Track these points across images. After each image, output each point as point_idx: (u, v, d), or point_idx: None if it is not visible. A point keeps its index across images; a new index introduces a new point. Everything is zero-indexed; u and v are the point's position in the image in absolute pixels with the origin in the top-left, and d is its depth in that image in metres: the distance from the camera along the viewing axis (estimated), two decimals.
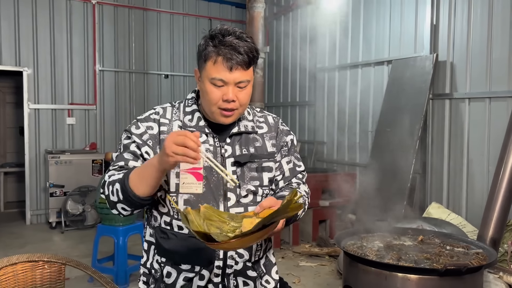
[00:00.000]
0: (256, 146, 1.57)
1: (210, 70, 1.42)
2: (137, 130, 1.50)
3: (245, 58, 1.41)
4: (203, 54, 1.44)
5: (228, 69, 1.40)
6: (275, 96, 7.59)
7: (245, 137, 1.56)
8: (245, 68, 1.43)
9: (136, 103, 7.25)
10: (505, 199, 2.85)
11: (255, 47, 1.45)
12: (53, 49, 6.56)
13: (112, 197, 1.38)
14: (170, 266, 1.51)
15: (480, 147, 4.23)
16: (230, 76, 1.41)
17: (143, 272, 1.62)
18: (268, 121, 1.65)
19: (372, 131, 5.38)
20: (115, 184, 1.37)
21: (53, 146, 6.59)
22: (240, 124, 1.56)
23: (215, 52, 1.41)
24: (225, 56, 1.40)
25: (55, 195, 6.10)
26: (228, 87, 1.42)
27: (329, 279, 4.22)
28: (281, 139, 1.64)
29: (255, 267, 1.57)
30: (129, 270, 4.00)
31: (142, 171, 1.34)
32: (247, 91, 1.47)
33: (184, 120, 1.53)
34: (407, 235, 2.62)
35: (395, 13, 5.14)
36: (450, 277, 2.01)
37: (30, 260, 1.67)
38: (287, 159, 1.64)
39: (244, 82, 1.44)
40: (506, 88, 3.98)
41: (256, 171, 1.54)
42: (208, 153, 1.44)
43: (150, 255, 1.59)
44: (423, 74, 4.61)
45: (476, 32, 4.24)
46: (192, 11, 7.71)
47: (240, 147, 1.54)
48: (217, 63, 1.41)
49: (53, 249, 5.33)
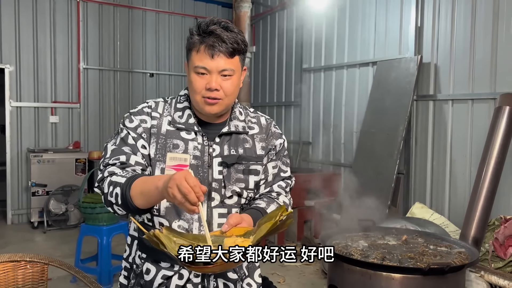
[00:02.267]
0: (245, 148, 1.54)
1: (193, 59, 1.42)
2: (131, 123, 1.49)
3: (229, 46, 1.39)
4: (188, 43, 1.45)
5: (210, 57, 1.39)
6: (261, 96, 7.60)
7: (235, 137, 1.53)
8: (228, 56, 1.40)
9: (121, 101, 7.19)
10: (486, 199, 2.90)
11: (241, 38, 1.43)
12: (36, 46, 6.46)
13: (110, 198, 1.37)
14: (150, 262, 1.49)
15: (462, 148, 4.29)
16: (212, 63, 1.39)
17: (125, 266, 1.60)
18: (260, 122, 1.62)
19: (357, 131, 5.42)
20: (116, 187, 1.35)
21: (36, 144, 6.49)
22: (231, 124, 1.54)
23: (198, 40, 1.41)
24: (207, 44, 1.39)
25: (37, 194, 6.01)
26: (212, 75, 1.41)
27: (313, 279, 4.24)
28: (270, 143, 1.60)
29: (237, 269, 1.54)
30: (112, 270, 3.96)
31: (145, 187, 1.31)
32: (232, 81, 1.44)
33: (174, 116, 1.51)
34: (391, 234, 2.65)
35: (380, 15, 5.19)
36: (433, 276, 2.04)
37: (12, 260, 1.64)
38: (274, 164, 1.61)
39: (228, 70, 1.41)
40: (488, 90, 4.04)
41: (243, 173, 1.52)
42: (204, 212, 1.36)
43: (133, 250, 1.57)
44: (407, 75, 4.66)
45: (460, 35, 4.30)
46: (178, 10, 7.67)
47: (229, 148, 1.51)
48: (200, 51, 1.40)
49: (35, 249, 5.25)
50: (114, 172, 1.39)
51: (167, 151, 1.45)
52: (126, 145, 1.46)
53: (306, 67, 6.41)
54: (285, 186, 1.63)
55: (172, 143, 1.46)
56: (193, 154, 1.47)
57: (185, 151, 1.46)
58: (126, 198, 1.32)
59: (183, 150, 1.46)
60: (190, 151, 1.47)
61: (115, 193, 1.35)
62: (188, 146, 1.47)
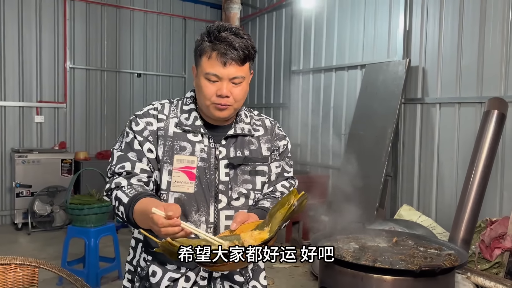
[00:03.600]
0: (251, 149, 1.55)
1: (204, 65, 1.42)
2: (137, 126, 1.49)
3: (240, 54, 1.40)
4: (199, 49, 1.45)
5: (222, 64, 1.40)
6: (249, 97, 7.58)
7: (240, 139, 1.55)
8: (240, 64, 1.42)
9: (108, 101, 7.12)
10: (475, 202, 2.93)
11: (251, 44, 1.45)
12: (21, 45, 6.36)
13: (117, 212, 1.40)
14: (156, 265, 1.49)
15: (449, 151, 4.35)
16: (224, 71, 1.40)
17: (129, 269, 1.59)
18: (265, 124, 1.64)
19: (345, 134, 5.45)
20: (120, 204, 1.37)
21: (20, 144, 6.38)
22: (237, 126, 1.55)
23: (210, 47, 1.41)
24: (219, 51, 1.39)
25: (22, 195, 5.91)
26: (223, 82, 1.41)
27: (302, 281, 4.25)
28: (274, 143, 1.62)
29: (243, 272, 1.55)
30: (100, 272, 3.92)
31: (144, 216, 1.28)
32: (242, 88, 1.46)
33: (181, 118, 1.51)
34: (381, 236, 2.66)
35: (369, 19, 5.23)
36: (424, 277, 2.05)
37: (2, 263, 1.61)
38: (277, 164, 1.62)
39: (239, 78, 1.43)
40: (475, 94, 4.10)
41: (250, 174, 1.53)
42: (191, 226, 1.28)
43: (137, 253, 1.56)
44: (395, 78, 4.71)
45: (447, 39, 4.36)
46: (166, 10, 7.63)
47: (235, 150, 1.53)
48: (212, 58, 1.40)
49: (19, 251, 5.16)
50: (120, 185, 1.41)
51: (174, 153, 1.46)
52: (132, 151, 1.46)
53: (294, 69, 6.44)
54: (288, 186, 1.64)
55: (179, 145, 1.47)
56: (200, 156, 1.48)
57: (192, 153, 1.48)
58: (130, 219, 1.35)
59: (190, 152, 1.48)
60: (197, 153, 1.48)
61: (121, 211, 1.38)
62: (195, 148, 1.48)
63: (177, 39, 7.75)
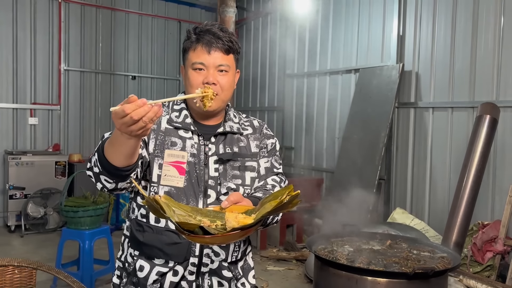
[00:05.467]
0: (240, 146, 1.58)
1: (191, 57, 1.48)
2: None
3: (225, 43, 1.46)
4: (184, 45, 1.51)
5: (207, 52, 1.45)
6: (244, 100, 7.62)
7: (229, 137, 1.58)
8: (224, 53, 1.47)
9: (102, 103, 7.11)
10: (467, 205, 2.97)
11: (235, 39, 1.51)
12: (16, 46, 6.34)
13: (94, 168, 1.31)
14: (143, 259, 1.49)
15: (442, 155, 4.40)
16: (209, 58, 1.46)
17: (118, 266, 1.60)
18: (253, 124, 1.68)
19: (339, 137, 5.49)
20: (94, 155, 1.31)
21: (14, 146, 6.35)
22: (226, 124, 1.58)
23: (195, 40, 1.48)
24: (204, 41, 1.46)
25: (15, 197, 5.88)
26: (209, 70, 1.46)
27: (296, 283, 4.27)
28: (262, 141, 1.65)
29: (232, 268, 1.55)
30: (94, 274, 3.91)
31: (112, 139, 1.22)
32: (228, 78, 1.50)
33: (172, 115, 1.55)
34: (375, 239, 2.69)
35: (363, 23, 5.28)
36: (417, 280, 2.08)
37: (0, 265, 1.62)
38: (265, 160, 1.64)
39: (224, 66, 1.48)
40: (467, 99, 4.16)
41: (239, 170, 1.55)
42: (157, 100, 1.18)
43: (125, 248, 1.58)
44: (389, 83, 4.75)
45: (440, 44, 4.42)
46: (161, 13, 7.64)
47: (224, 146, 1.55)
48: (197, 49, 1.47)
49: (12, 253, 5.13)
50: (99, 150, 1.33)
51: (165, 148, 1.49)
52: None
53: (289, 72, 6.47)
54: (279, 181, 1.62)
55: (170, 140, 1.50)
56: (191, 152, 1.51)
57: (183, 149, 1.50)
58: (103, 160, 1.26)
59: (181, 147, 1.50)
60: (187, 148, 1.51)
61: (95, 159, 1.29)
62: (185, 144, 1.51)
63: (172, 42, 7.76)
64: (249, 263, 1.67)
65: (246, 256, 1.65)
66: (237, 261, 1.59)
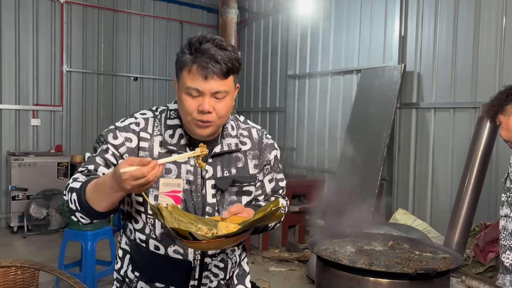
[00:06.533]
0: (238, 167, 1.51)
1: (185, 79, 1.34)
2: (115, 140, 1.41)
3: (223, 67, 1.31)
4: (179, 62, 1.37)
5: (203, 78, 1.31)
6: (245, 101, 7.63)
7: (227, 157, 1.50)
8: (222, 78, 1.33)
9: (104, 105, 7.13)
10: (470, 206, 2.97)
11: (235, 56, 1.35)
12: (18, 48, 6.37)
13: (71, 205, 1.31)
14: (144, 282, 1.49)
15: (444, 155, 4.39)
16: (205, 85, 1.32)
17: (117, 278, 1.58)
18: (252, 135, 1.58)
19: (341, 138, 5.49)
20: (73, 192, 1.30)
21: (16, 147, 6.37)
22: (224, 142, 1.49)
23: (190, 60, 1.33)
24: (200, 64, 1.31)
25: (18, 198, 5.89)
26: (204, 97, 1.33)
27: (298, 284, 4.27)
28: (265, 158, 1.58)
29: (229, 282, 1.57)
30: (97, 275, 3.92)
31: (99, 188, 1.25)
32: (225, 103, 1.37)
33: (165, 136, 1.44)
34: (377, 240, 2.69)
35: (364, 24, 5.28)
36: (419, 281, 2.08)
37: (2, 265, 1.62)
38: (270, 177, 1.61)
39: (222, 92, 1.34)
40: (469, 100, 4.15)
41: (236, 195, 1.50)
42: (162, 160, 1.28)
43: (125, 264, 1.54)
44: (391, 83, 4.75)
45: (442, 45, 4.41)
46: (163, 14, 7.66)
47: (222, 168, 1.48)
48: (192, 72, 1.32)
49: (15, 254, 5.14)
50: (77, 179, 1.34)
51: (160, 176, 1.37)
52: (101, 157, 1.40)
53: (291, 73, 6.47)
54: (281, 192, 1.67)
55: (164, 167, 1.38)
56: (186, 178, 1.43)
57: (178, 176, 1.43)
58: (83, 203, 1.27)
59: (176, 174, 1.43)
60: (183, 175, 1.43)
61: (73, 199, 1.30)
62: (180, 170, 1.43)
63: (173, 43, 7.77)
64: (244, 269, 1.66)
65: (242, 261, 1.65)
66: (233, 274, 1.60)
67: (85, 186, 1.28)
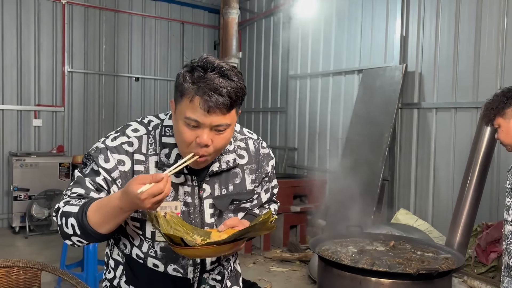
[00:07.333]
0: (235, 184, 1.49)
1: (185, 107, 1.25)
2: (106, 164, 1.34)
3: (227, 100, 1.22)
4: (180, 88, 1.27)
5: (205, 111, 1.22)
6: (247, 102, 7.62)
7: (225, 175, 1.46)
8: (225, 112, 1.24)
9: (106, 105, 7.14)
10: (471, 206, 2.97)
11: (241, 86, 1.26)
12: (20, 48, 6.37)
13: (66, 230, 1.27)
14: None
15: (446, 155, 4.39)
16: (206, 119, 1.24)
17: (110, 285, 1.55)
18: (248, 147, 1.54)
19: (342, 138, 5.48)
20: (69, 217, 1.26)
21: (18, 148, 6.39)
22: (222, 160, 1.45)
23: (193, 90, 1.23)
24: (202, 97, 1.21)
25: (19, 198, 5.90)
26: (204, 130, 1.26)
27: (300, 284, 4.27)
28: (263, 171, 1.57)
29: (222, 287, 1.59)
30: (98, 276, 3.92)
31: (103, 210, 1.23)
32: (225, 136, 1.30)
33: (161, 155, 1.38)
34: (379, 240, 2.69)
35: (366, 24, 5.28)
36: (421, 281, 2.08)
37: (5, 265, 1.63)
38: (266, 187, 1.62)
39: (223, 126, 1.27)
40: (471, 100, 4.14)
41: (233, 212, 1.51)
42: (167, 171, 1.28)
43: (117, 274, 1.52)
44: (392, 83, 4.74)
45: (443, 45, 4.41)
46: (164, 15, 7.66)
47: (220, 186, 1.46)
48: (193, 102, 1.23)
49: (16, 254, 5.15)
50: (68, 203, 1.30)
51: None
52: (91, 180, 1.34)
53: (292, 73, 6.47)
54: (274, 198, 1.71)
55: None
56: (184, 200, 1.41)
57: (175, 198, 1.39)
58: (85, 227, 1.24)
59: (173, 197, 1.39)
60: (180, 197, 1.40)
61: (70, 224, 1.25)
62: (178, 192, 1.40)
63: (175, 43, 7.78)
64: (236, 270, 1.67)
65: (234, 263, 1.66)
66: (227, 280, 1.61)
67: (85, 209, 1.24)
